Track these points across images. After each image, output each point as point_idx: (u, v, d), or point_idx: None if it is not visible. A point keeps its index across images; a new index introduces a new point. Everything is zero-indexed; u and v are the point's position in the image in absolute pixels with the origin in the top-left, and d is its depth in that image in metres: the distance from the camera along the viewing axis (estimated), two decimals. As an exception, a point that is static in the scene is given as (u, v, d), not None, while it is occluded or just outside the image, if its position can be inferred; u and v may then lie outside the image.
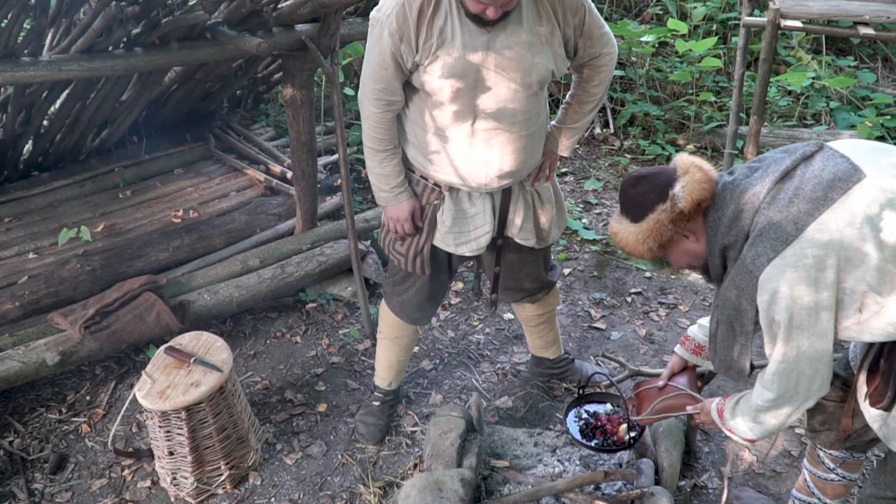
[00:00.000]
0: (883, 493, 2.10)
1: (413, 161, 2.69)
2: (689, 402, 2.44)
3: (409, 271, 2.85)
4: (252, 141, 5.08)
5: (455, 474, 2.73)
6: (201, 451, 2.88)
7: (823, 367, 1.91)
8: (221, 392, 2.87)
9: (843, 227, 1.80)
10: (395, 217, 2.74)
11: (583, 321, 3.90)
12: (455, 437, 2.92)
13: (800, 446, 3.13)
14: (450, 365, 3.62)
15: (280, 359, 3.67)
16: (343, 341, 3.77)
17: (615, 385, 2.67)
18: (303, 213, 4.06)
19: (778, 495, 2.93)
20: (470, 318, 3.94)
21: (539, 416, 3.31)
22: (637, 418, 2.54)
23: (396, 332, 3.11)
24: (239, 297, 3.69)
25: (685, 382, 2.52)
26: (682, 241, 2.09)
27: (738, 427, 2.15)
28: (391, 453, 3.14)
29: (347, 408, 3.37)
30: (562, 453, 2.98)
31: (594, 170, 5.41)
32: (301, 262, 3.89)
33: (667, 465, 2.83)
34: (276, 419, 3.30)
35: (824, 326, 1.85)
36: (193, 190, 4.57)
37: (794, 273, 1.81)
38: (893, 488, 2.11)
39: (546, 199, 2.84)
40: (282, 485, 3.01)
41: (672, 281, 4.20)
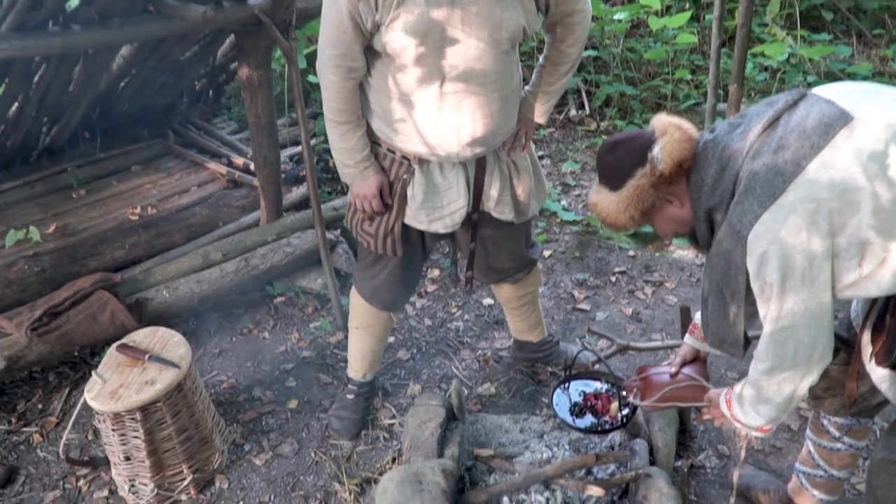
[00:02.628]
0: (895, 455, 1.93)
1: (378, 133, 2.49)
2: (701, 394, 2.25)
3: (380, 253, 2.66)
4: (213, 135, 4.86)
5: (436, 465, 2.52)
6: (160, 454, 2.66)
7: (823, 332, 1.73)
8: (180, 390, 2.65)
9: (844, 167, 1.63)
10: (361, 194, 2.54)
11: (566, 303, 3.72)
12: (435, 427, 2.72)
13: (799, 420, 2.96)
14: (428, 354, 3.42)
15: (247, 356, 3.45)
16: (314, 335, 3.56)
17: (604, 361, 2.48)
18: (267, 203, 3.85)
19: (779, 471, 2.75)
20: (448, 306, 3.74)
21: (524, 401, 3.12)
22: (643, 404, 2.33)
23: (369, 319, 2.90)
24: (201, 292, 3.47)
25: (696, 373, 2.32)
26: (666, 206, 1.92)
27: (747, 414, 1.96)
28: (368, 448, 2.94)
29: (320, 403, 3.16)
30: (550, 438, 2.78)
31: (571, 152, 5.24)
32: (266, 253, 3.68)
33: (662, 445, 2.65)
34: (243, 419, 3.08)
35: (821, 285, 1.67)
36: (152, 186, 4.34)
37: (784, 228, 1.64)
38: None
39: (523, 169, 2.65)
40: (251, 487, 2.80)
41: (657, 258, 4.03)
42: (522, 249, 2.87)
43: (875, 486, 1.91)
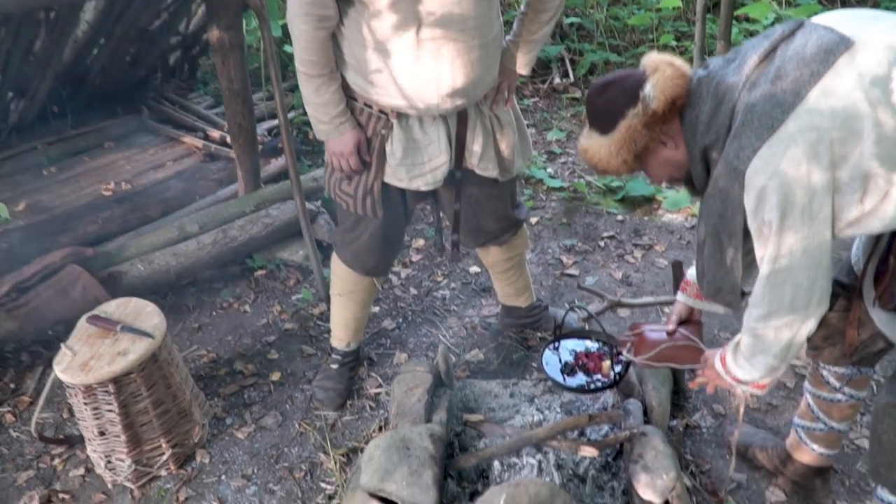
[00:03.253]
0: None
1: (354, 86, 2.38)
2: (696, 356, 2.16)
3: (360, 214, 2.55)
4: (189, 109, 4.74)
5: (424, 430, 2.43)
6: (137, 428, 2.56)
7: (822, 275, 1.64)
8: (155, 360, 2.54)
9: (845, 94, 1.53)
10: (338, 151, 2.43)
11: (554, 269, 3.63)
12: (422, 393, 2.63)
13: (795, 378, 2.89)
14: (414, 323, 3.33)
15: (227, 330, 3.34)
16: (296, 307, 3.45)
17: (595, 318, 2.39)
18: (244, 173, 3.73)
19: (776, 429, 2.68)
20: (433, 275, 3.64)
21: (513, 367, 3.03)
22: (637, 359, 2.23)
23: (351, 286, 2.80)
24: (177, 265, 3.35)
25: (692, 333, 2.22)
26: (660, 148, 1.82)
27: (742, 368, 1.87)
28: (353, 418, 2.84)
29: (304, 374, 3.06)
30: (541, 402, 2.70)
31: (556, 120, 5.14)
32: (245, 225, 3.56)
33: (656, 405, 2.57)
34: (224, 392, 2.98)
35: (822, 222, 1.58)
36: (126, 162, 4.23)
37: (784, 161, 1.54)
38: None
39: (506, 123, 2.55)
40: (233, 460, 2.70)
41: (646, 222, 3.94)
42: (508, 209, 2.77)
43: (880, 432, 1.83)
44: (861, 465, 2.53)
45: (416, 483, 2.25)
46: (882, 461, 1.84)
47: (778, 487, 2.47)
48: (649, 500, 2.21)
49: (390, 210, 2.56)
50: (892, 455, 1.81)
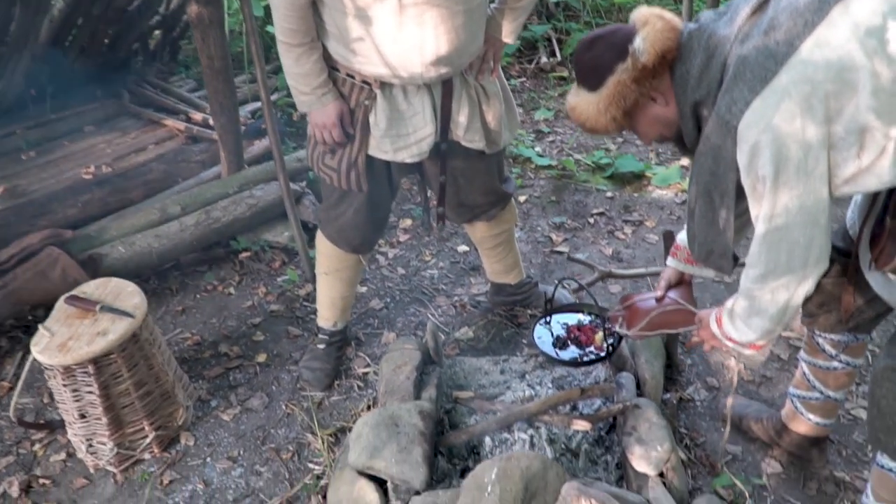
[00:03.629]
0: None
1: (336, 56, 2.31)
2: (689, 318, 2.11)
3: (344, 189, 2.49)
4: (171, 93, 4.65)
5: (412, 407, 2.38)
6: (118, 410, 2.49)
7: (820, 233, 1.59)
8: (135, 341, 2.47)
9: (840, 45, 1.48)
10: (321, 123, 2.36)
11: (543, 246, 3.58)
12: (411, 370, 2.57)
13: (789, 349, 2.86)
14: (402, 302, 3.27)
15: (212, 312, 3.27)
16: (282, 288, 3.39)
17: (586, 289, 2.34)
18: (227, 154, 3.65)
19: (771, 401, 2.65)
20: (421, 254, 3.58)
21: (504, 344, 2.98)
22: (629, 333, 2.18)
23: (337, 263, 2.74)
24: (160, 247, 3.28)
25: (682, 297, 2.17)
26: (649, 105, 1.76)
27: (738, 329, 1.82)
28: (341, 398, 2.78)
29: (290, 356, 3.00)
30: (532, 377, 2.65)
31: (543, 100, 5.08)
32: (228, 206, 3.49)
33: (649, 378, 2.52)
34: (209, 375, 2.92)
35: (818, 178, 1.53)
36: (106, 146, 4.15)
37: (777, 114, 1.48)
38: None
39: (492, 94, 2.48)
40: (219, 443, 2.64)
41: (635, 198, 3.90)
42: (495, 182, 2.71)
43: (879, 397, 1.78)
44: (858, 435, 2.50)
45: (405, 460, 2.20)
46: (881, 426, 1.80)
47: (774, 459, 2.43)
48: (644, 471, 2.16)
49: (375, 184, 2.50)
50: (892, 420, 1.76)
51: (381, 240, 3.66)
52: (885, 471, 1.84)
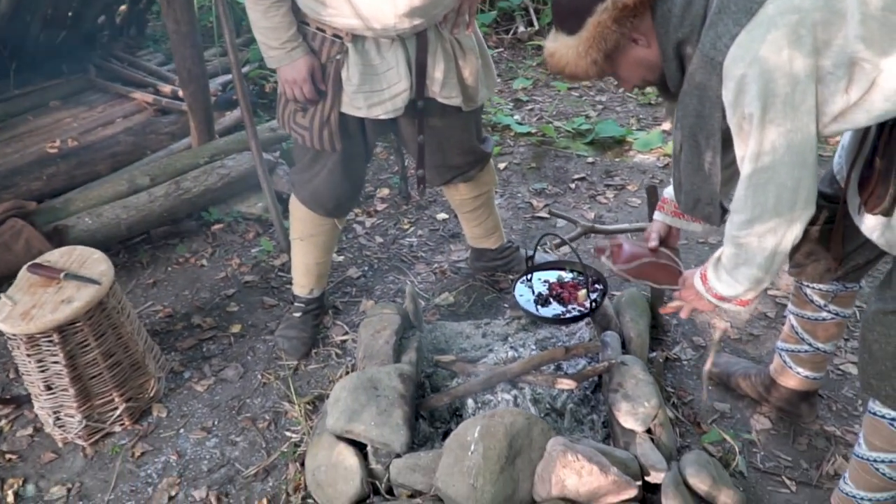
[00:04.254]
0: (892, 306, 1.74)
1: (305, 9, 2.22)
2: (675, 278, 2.03)
3: (317, 149, 2.40)
4: (138, 66, 4.51)
5: (392, 370, 2.30)
6: (86, 381, 2.39)
7: (808, 174, 1.51)
8: (102, 309, 2.37)
9: None
10: (291, 79, 2.27)
11: (524, 212, 3.51)
12: (390, 335, 2.49)
13: (776, 307, 2.81)
14: (380, 271, 3.19)
15: (184, 285, 3.17)
16: (256, 259, 3.29)
17: (568, 243, 2.27)
18: (197, 124, 3.55)
19: (758, 359, 2.60)
20: (399, 223, 3.50)
21: (485, 309, 2.91)
22: (615, 267, 2.09)
23: (312, 228, 2.65)
24: (128, 218, 3.17)
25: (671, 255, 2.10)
26: (631, 47, 1.68)
27: (725, 283, 1.74)
28: (319, 366, 2.70)
29: (265, 326, 2.91)
30: (515, 340, 2.58)
31: (521, 69, 5.00)
32: (199, 176, 3.39)
33: (634, 336, 2.47)
34: (181, 346, 2.82)
35: (806, 114, 1.45)
36: (72, 120, 4.01)
37: (764, 46, 1.41)
38: None
39: (468, 48, 2.40)
40: (192, 414, 2.55)
41: (617, 163, 3.83)
42: (474, 142, 2.63)
43: (870, 341, 1.73)
44: (847, 389, 2.46)
45: (385, 423, 2.13)
46: (873, 372, 1.74)
47: (763, 415, 2.38)
48: (631, 428, 2.10)
49: (349, 143, 2.41)
50: (884, 365, 1.71)
51: (358, 209, 3.57)
52: (877, 418, 1.79)
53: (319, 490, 2.15)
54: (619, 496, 1.90)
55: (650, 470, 2.01)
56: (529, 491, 1.97)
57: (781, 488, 2.17)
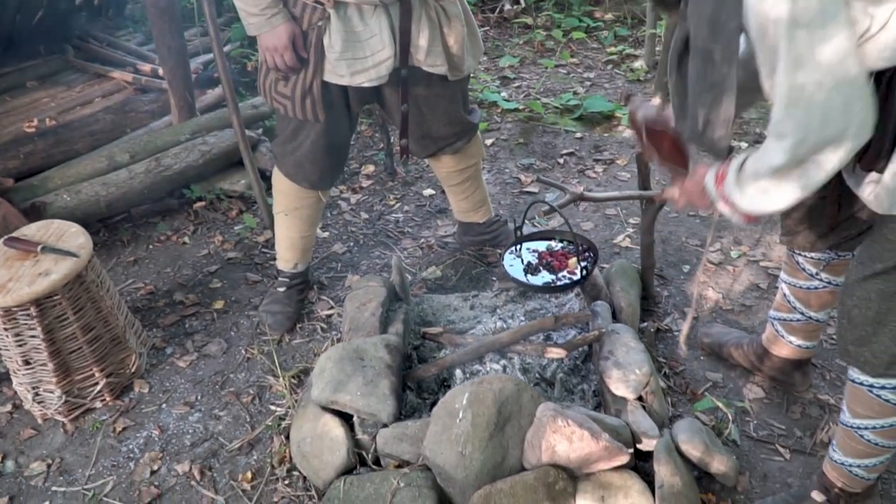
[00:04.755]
0: (870, 270, 1.67)
1: None
2: (687, 163, 1.88)
3: (300, 118, 2.34)
4: (118, 46, 4.44)
5: (378, 341, 2.26)
6: (65, 356, 2.33)
7: (857, 94, 1.31)
8: (81, 282, 2.31)
9: None
10: (272, 47, 2.21)
11: (512, 188, 3.46)
12: (376, 307, 2.45)
13: (767, 279, 2.77)
14: (366, 246, 3.13)
15: (166, 262, 3.11)
16: (239, 236, 3.23)
17: (558, 210, 2.22)
18: (177, 100, 3.47)
19: (750, 328, 2.56)
20: (385, 199, 3.44)
21: (473, 282, 2.86)
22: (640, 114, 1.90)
23: (295, 201, 2.60)
24: (108, 195, 3.10)
25: None
26: None
27: (744, 194, 1.53)
28: (304, 341, 2.65)
29: (249, 301, 2.86)
30: (503, 312, 2.54)
31: (508, 47, 4.94)
32: (180, 153, 3.32)
33: (625, 305, 2.43)
34: (163, 323, 2.76)
35: (843, 25, 1.29)
36: (50, 100, 3.94)
37: None
38: (883, 258, 1.65)
39: (454, 15, 2.34)
40: (175, 389, 2.49)
41: (606, 138, 3.79)
42: (460, 112, 2.58)
43: (850, 307, 1.64)
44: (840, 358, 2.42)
45: (371, 393, 2.08)
46: (851, 338, 1.67)
47: (756, 385, 2.35)
48: (622, 395, 2.07)
49: (333, 113, 2.36)
50: (863, 330, 1.64)
51: (343, 186, 3.51)
52: (857, 385, 1.73)
53: (305, 461, 2.10)
54: (611, 462, 1.87)
55: (642, 437, 1.97)
56: (519, 458, 1.93)
57: (775, 456, 2.13)
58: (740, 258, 2.89)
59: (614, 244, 3.02)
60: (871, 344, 1.63)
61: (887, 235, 1.54)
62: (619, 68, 4.60)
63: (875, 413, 1.72)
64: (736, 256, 2.89)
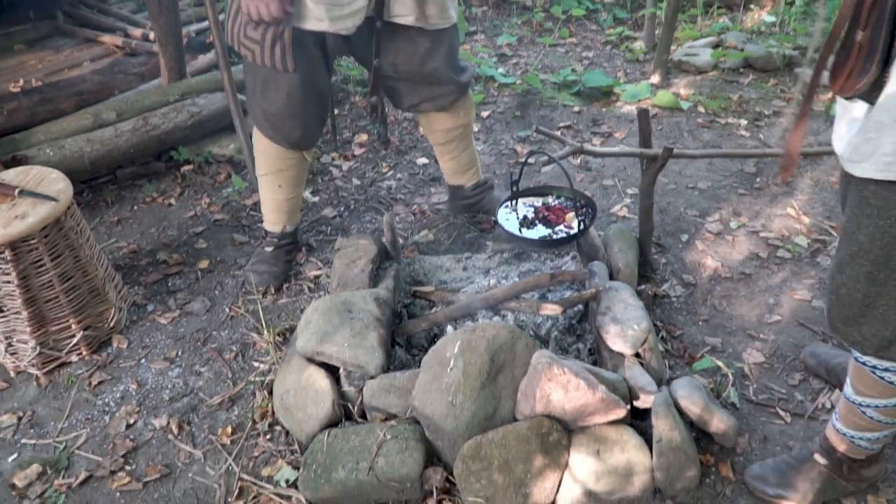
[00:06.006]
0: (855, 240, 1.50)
1: None
2: None
3: (268, 66, 2.19)
4: (109, 13, 4.35)
5: (367, 294, 2.18)
6: (41, 304, 2.24)
7: None
8: (59, 227, 2.22)
9: None
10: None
11: (508, 158, 3.38)
12: (366, 263, 2.37)
13: (767, 248, 2.70)
14: (357, 211, 3.05)
15: (151, 223, 3.02)
16: (227, 199, 3.14)
17: (556, 161, 2.14)
18: (167, 61, 3.39)
19: (750, 296, 2.49)
20: (378, 167, 3.37)
21: (466, 246, 2.78)
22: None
23: (278, 163, 2.48)
24: (92, 152, 3.01)
25: None
26: None
27: None
28: (290, 301, 2.57)
29: (235, 262, 2.77)
30: (497, 272, 2.45)
31: (507, 27, 4.87)
32: (169, 112, 3.23)
33: (623, 266, 2.35)
34: (146, 281, 2.68)
35: None
36: (37, 62, 3.85)
37: None
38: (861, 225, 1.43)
39: None
40: (155, 345, 2.40)
41: (603, 113, 3.72)
42: (447, 70, 2.44)
43: (838, 284, 1.51)
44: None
45: (359, 344, 2.00)
46: (839, 316, 1.55)
47: (756, 350, 2.27)
48: (619, 350, 1.99)
49: (307, 62, 2.23)
50: (850, 310, 1.52)
51: (335, 153, 3.43)
52: (859, 364, 1.62)
53: (288, 414, 2.01)
54: (607, 415, 1.79)
55: (639, 393, 1.88)
56: (511, 410, 1.85)
57: (775, 419, 2.06)
58: (739, 228, 2.81)
59: (612, 213, 2.94)
60: (861, 325, 1.51)
61: (869, 199, 1.38)
62: (618, 48, 4.54)
63: (878, 393, 1.62)
64: (735, 227, 2.82)
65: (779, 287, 2.52)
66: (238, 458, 2.00)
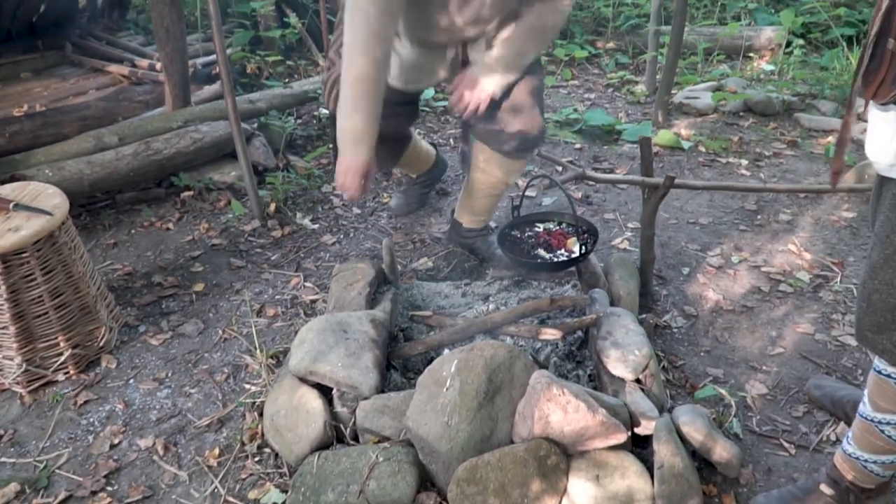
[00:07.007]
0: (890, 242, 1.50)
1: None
2: None
3: None
4: (117, 45, 4.39)
5: (363, 315, 2.13)
6: (29, 320, 2.20)
7: None
8: (52, 242, 2.19)
9: None
10: (345, 167, 2.19)
11: (509, 192, 3.34)
12: (363, 287, 2.33)
13: (769, 283, 2.67)
14: (356, 239, 3.02)
15: (147, 246, 2.99)
16: (226, 224, 3.12)
17: (560, 186, 2.12)
18: (172, 88, 3.40)
19: (752, 329, 2.44)
20: (378, 196, 3.35)
21: (466, 273, 2.74)
22: None
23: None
24: (92, 174, 2.99)
25: None
26: None
27: None
28: (285, 324, 2.52)
29: (231, 286, 2.73)
30: (497, 299, 2.41)
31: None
32: (171, 138, 3.23)
33: (624, 294, 2.32)
34: (139, 302, 2.63)
35: None
36: (43, 89, 3.87)
37: None
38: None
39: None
40: (144, 366, 2.35)
41: (605, 150, 3.72)
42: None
43: (871, 290, 1.49)
44: (847, 359, 2.31)
45: (353, 365, 1.95)
46: (869, 323, 1.52)
47: (759, 381, 2.22)
48: (620, 375, 1.94)
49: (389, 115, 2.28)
50: (881, 317, 1.48)
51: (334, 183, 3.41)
52: (883, 377, 1.58)
53: (278, 436, 1.95)
54: (608, 440, 1.73)
55: (640, 418, 1.83)
56: (509, 433, 1.79)
57: (779, 451, 1.99)
58: (741, 263, 2.78)
59: (612, 245, 2.91)
60: (892, 332, 1.48)
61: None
62: (620, 91, 4.57)
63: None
64: (737, 261, 2.79)
65: (781, 320, 2.48)
66: (224, 480, 1.93)
